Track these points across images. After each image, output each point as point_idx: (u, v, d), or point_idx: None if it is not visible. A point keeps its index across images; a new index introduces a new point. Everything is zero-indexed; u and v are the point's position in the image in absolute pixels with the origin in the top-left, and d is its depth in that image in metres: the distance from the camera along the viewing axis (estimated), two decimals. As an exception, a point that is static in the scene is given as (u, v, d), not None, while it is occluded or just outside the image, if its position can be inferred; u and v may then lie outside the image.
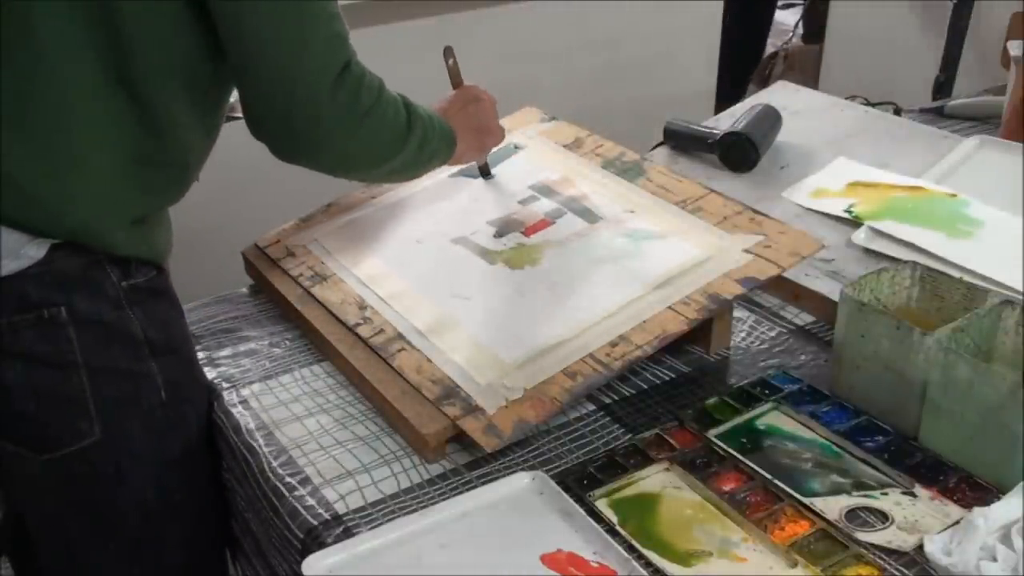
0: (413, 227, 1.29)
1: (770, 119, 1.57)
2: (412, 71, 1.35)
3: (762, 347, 1.15)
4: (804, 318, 1.20)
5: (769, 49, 3.71)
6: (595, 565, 0.83)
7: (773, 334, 1.17)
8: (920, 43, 2.38)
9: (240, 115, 1.00)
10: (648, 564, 0.83)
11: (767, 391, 1.05)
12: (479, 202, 1.31)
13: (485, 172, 1.35)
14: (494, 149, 1.34)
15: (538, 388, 1.00)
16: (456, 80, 1.29)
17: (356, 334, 1.12)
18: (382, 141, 1.05)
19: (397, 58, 1.60)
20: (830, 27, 2.96)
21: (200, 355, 1.16)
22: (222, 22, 0.92)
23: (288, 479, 0.97)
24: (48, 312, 0.95)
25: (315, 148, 1.01)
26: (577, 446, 1.00)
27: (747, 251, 1.11)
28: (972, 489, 0.89)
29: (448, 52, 1.29)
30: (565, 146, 1.39)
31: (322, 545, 0.88)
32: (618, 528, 0.87)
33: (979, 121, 1.75)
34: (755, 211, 1.17)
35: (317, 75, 0.95)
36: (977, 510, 0.82)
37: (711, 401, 1.04)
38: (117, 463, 1.02)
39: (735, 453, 0.96)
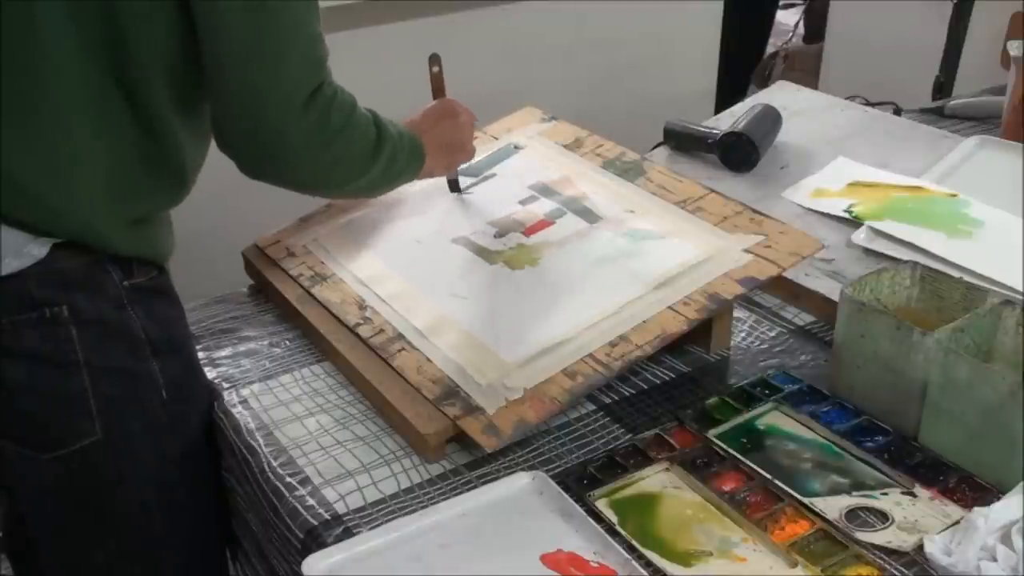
0: (413, 227, 1.29)
1: (770, 119, 1.57)
2: (411, 71, 1.34)
3: (762, 347, 1.15)
4: (804, 318, 1.20)
5: (769, 49, 3.71)
6: (595, 565, 0.83)
7: (773, 334, 1.17)
8: (920, 43, 2.37)
9: None
10: (648, 564, 0.83)
11: (767, 391, 1.05)
12: (479, 202, 1.31)
13: (454, 186, 1.33)
14: (467, 162, 1.31)
15: (538, 388, 1.00)
16: (438, 90, 1.27)
17: (356, 334, 1.12)
18: (349, 162, 1.05)
19: (396, 58, 1.60)
20: (830, 27, 2.96)
21: (200, 355, 1.15)
22: (199, 21, 0.92)
23: (288, 479, 0.97)
24: (50, 311, 0.95)
25: (279, 166, 1.00)
26: (577, 446, 1.00)
27: (747, 251, 1.11)
28: (972, 489, 0.89)
29: (434, 60, 1.26)
30: (565, 146, 1.39)
31: (322, 545, 0.88)
32: (618, 528, 0.87)
33: (979, 121, 1.75)
34: (755, 211, 1.17)
35: (288, 93, 0.94)
36: (977, 510, 0.82)
37: (711, 401, 1.04)
38: (118, 463, 1.03)
39: (735, 453, 0.96)
